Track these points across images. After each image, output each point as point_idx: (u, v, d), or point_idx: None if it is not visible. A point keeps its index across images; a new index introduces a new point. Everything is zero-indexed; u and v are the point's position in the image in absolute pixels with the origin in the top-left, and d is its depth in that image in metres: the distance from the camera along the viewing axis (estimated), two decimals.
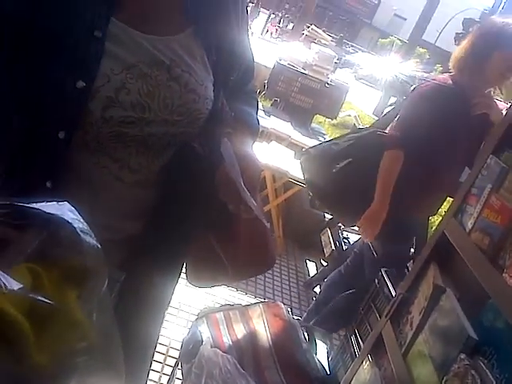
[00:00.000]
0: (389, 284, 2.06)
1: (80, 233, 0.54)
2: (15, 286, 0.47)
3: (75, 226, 0.54)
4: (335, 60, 5.06)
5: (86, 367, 0.58)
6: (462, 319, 1.13)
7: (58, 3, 0.80)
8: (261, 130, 1.29)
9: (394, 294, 1.94)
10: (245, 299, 3.02)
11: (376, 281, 2.16)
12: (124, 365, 0.63)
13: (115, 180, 0.90)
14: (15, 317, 0.50)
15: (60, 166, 0.86)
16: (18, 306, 0.50)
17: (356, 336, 2.04)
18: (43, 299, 0.50)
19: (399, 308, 1.46)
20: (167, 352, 2.37)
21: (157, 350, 1.26)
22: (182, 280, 1.11)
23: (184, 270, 1.10)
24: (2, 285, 0.46)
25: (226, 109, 0.99)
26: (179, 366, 1.78)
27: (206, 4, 0.93)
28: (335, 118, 5.59)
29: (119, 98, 0.82)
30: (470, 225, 1.23)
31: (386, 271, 2.17)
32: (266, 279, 3.32)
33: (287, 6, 22.61)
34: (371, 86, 18.05)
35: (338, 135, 2.89)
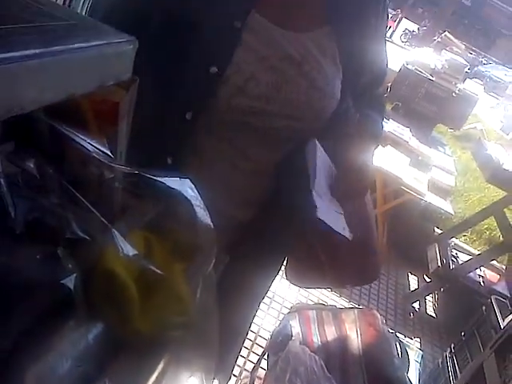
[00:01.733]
0: (497, 313, 1.92)
1: (196, 210, 0.55)
2: (130, 251, 0.49)
3: (193, 202, 0.54)
4: (466, 69, 4.78)
5: (181, 341, 0.59)
6: None
7: None
8: None
9: (502, 325, 1.80)
10: (338, 301, 2.97)
11: (483, 307, 2.02)
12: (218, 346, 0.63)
13: (231, 167, 0.91)
14: (125, 281, 0.52)
15: (182, 145, 0.88)
16: (130, 270, 0.52)
17: (453, 362, 1.93)
18: (154, 268, 0.52)
19: (507, 342, 1.34)
20: (255, 339, 2.40)
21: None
22: (279, 272, 1.11)
23: (284, 265, 1.10)
24: (119, 248, 0.47)
25: (351, 111, 0.97)
26: (265, 357, 1.79)
27: (347, 3, 0.91)
28: (458, 130, 5.30)
29: (247, 87, 0.84)
30: None
31: (496, 299, 2.02)
32: None
33: (420, 11, 21.76)
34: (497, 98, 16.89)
35: (459, 147, 2.73)
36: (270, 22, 0.85)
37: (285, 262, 1.09)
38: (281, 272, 1.11)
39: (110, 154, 0.52)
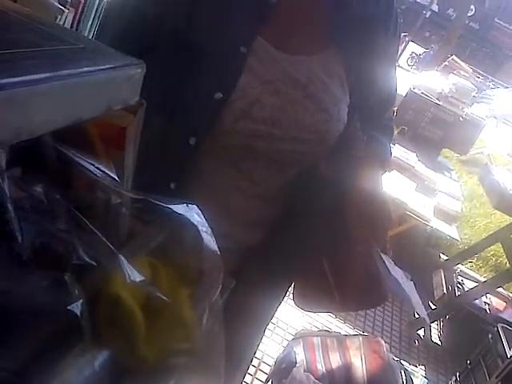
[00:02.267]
0: (504, 341, 1.89)
1: (203, 236, 0.54)
2: (137, 277, 0.48)
3: (199, 228, 0.54)
4: (474, 93, 4.80)
5: (186, 368, 0.58)
6: None
7: (213, 18, 0.83)
8: None
9: (509, 353, 1.77)
10: (343, 328, 2.93)
11: (490, 335, 1.99)
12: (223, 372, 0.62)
13: (235, 190, 0.91)
14: (131, 307, 0.51)
15: (186, 170, 0.88)
16: (136, 296, 0.51)
17: None
18: (160, 295, 0.51)
19: None
20: (259, 365, 2.37)
21: None
22: (285, 297, 1.10)
23: (291, 289, 1.08)
24: (126, 274, 0.47)
25: (358, 133, 0.96)
26: (269, 383, 1.76)
27: (354, 25, 0.90)
28: (465, 155, 5.29)
29: (252, 111, 0.83)
30: None
31: (502, 327, 1.99)
32: (368, 310, 3.20)
33: (427, 34, 22.00)
34: (509, 125, 16.91)
35: (465, 173, 2.72)
36: (274, 47, 0.85)
37: (291, 286, 1.08)
38: (285, 297, 1.09)
39: (116, 179, 0.51)
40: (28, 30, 0.41)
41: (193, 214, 0.53)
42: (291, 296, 1.09)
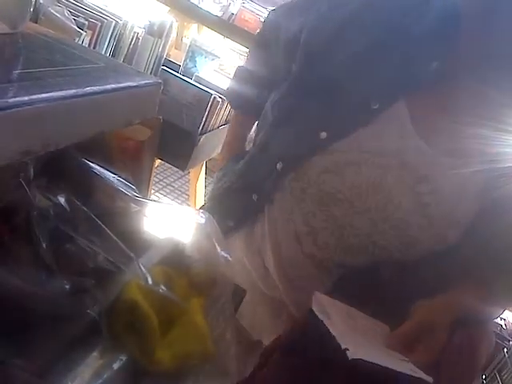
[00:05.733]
0: None
1: (216, 245, 0.56)
2: (154, 283, 0.50)
3: (212, 236, 0.56)
4: None
5: (200, 372, 0.60)
6: None
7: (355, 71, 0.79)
8: None
9: None
10: None
11: (505, 350, 1.97)
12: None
13: (294, 240, 0.83)
14: (148, 313, 0.53)
15: (269, 187, 0.85)
16: (152, 302, 0.53)
17: None
18: (176, 299, 0.53)
19: None
20: None
21: None
22: None
23: None
24: (144, 279, 0.49)
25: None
26: None
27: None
28: None
29: (346, 170, 0.77)
30: None
31: None
32: None
33: None
34: None
35: None
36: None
37: None
38: None
39: (135, 188, 0.54)
40: (55, 50, 0.44)
41: (207, 222, 0.56)
42: None
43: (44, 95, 0.36)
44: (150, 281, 0.50)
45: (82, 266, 0.47)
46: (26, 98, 0.33)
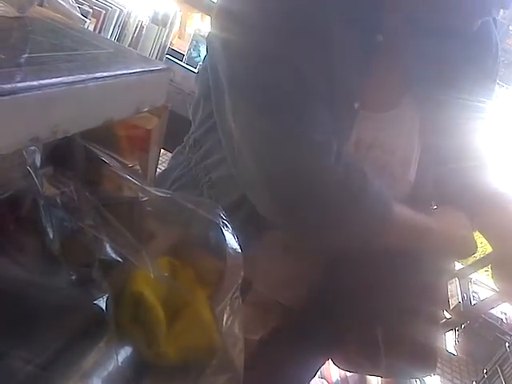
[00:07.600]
0: None
1: (225, 234, 0.55)
2: (160, 273, 0.49)
3: (221, 227, 0.55)
4: None
5: (206, 366, 0.59)
6: None
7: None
8: None
9: None
10: None
11: (506, 344, 1.97)
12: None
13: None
14: (154, 304, 0.53)
15: None
16: (158, 293, 0.53)
17: None
18: (183, 289, 0.52)
19: None
20: None
21: None
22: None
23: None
24: (150, 270, 0.48)
25: None
26: None
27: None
28: None
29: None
30: None
31: None
32: None
33: None
34: None
35: None
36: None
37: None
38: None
39: (141, 177, 0.53)
40: (63, 35, 0.43)
41: (216, 213, 0.55)
42: None
43: (53, 80, 0.35)
44: (156, 272, 0.49)
45: (88, 256, 0.46)
46: (35, 83, 0.32)
